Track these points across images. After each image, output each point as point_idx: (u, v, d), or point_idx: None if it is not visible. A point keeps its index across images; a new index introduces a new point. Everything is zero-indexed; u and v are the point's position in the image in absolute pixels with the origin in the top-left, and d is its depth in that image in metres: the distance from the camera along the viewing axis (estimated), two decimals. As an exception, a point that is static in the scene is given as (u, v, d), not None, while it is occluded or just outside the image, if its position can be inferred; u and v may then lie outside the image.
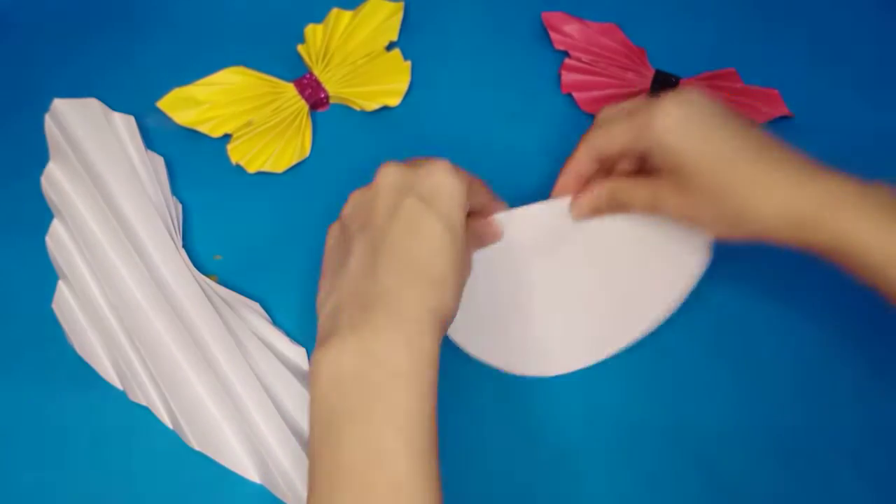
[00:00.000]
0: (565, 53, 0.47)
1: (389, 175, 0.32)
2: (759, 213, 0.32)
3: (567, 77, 0.46)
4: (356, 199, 0.33)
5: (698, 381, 0.39)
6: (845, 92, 0.46)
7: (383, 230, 0.30)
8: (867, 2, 0.49)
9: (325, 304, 0.31)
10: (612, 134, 0.36)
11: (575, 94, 0.46)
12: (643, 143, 0.34)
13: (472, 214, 0.36)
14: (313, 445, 0.28)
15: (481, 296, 0.37)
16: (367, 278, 0.29)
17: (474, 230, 0.36)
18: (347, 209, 0.33)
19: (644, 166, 0.36)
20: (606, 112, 0.37)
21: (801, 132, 0.45)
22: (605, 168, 0.38)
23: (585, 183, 0.37)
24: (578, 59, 0.46)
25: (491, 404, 0.38)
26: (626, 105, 0.37)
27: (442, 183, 0.31)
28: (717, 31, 0.48)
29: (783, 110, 0.45)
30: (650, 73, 0.46)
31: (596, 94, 0.46)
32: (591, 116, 0.45)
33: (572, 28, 0.47)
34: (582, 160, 0.37)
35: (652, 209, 0.35)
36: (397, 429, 0.26)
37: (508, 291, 0.38)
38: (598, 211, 0.37)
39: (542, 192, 0.43)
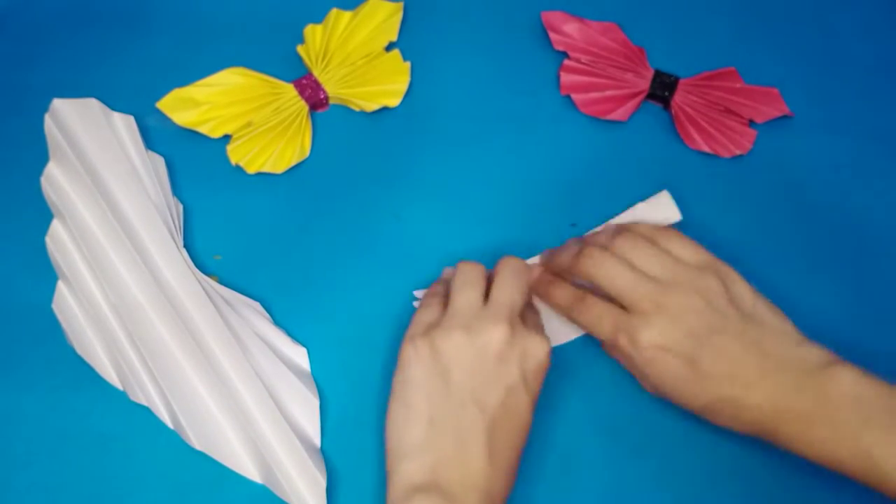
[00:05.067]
0: (565, 54, 0.47)
1: (502, 338, 0.33)
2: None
3: (566, 78, 0.46)
4: (458, 342, 0.33)
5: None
6: (845, 92, 0.46)
7: (489, 414, 0.32)
8: (867, 1, 0.49)
9: (423, 452, 0.32)
10: (595, 319, 0.36)
11: (574, 96, 0.46)
12: (622, 353, 0.35)
13: None
14: None
15: None
16: (472, 459, 0.32)
17: None
18: (445, 346, 0.33)
19: None
20: (592, 272, 0.36)
21: (801, 132, 0.45)
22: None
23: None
24: (578, 60, 0.46)
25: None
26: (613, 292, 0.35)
27: (542, 361, 0.34)
28: (717, 31, 0.48)
29: (783, 110, 0.45)
30: (649, 74, 0.46)
31: (595, 95, 0.46)
32: (590, 118, 0.45)
33: (572, 27, 0.47)
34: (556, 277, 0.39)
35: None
36: None
37: None
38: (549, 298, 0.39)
39: (539, 192, 0.43)
